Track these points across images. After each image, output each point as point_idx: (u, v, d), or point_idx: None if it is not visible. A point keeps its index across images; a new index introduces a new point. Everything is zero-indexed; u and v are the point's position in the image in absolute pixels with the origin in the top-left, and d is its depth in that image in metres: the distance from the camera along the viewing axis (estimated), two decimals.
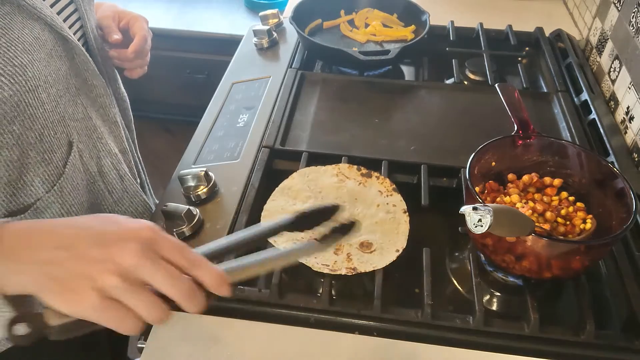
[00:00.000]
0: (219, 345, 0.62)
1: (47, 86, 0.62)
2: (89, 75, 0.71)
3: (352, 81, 1.03)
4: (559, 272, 0.63)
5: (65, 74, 0.66)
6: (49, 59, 0.62)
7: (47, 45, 0.62)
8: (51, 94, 0.63)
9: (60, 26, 0.63)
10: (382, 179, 0.78)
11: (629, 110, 0.92)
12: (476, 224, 0.55)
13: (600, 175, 0.69)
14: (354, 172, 0.79)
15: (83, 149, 0.71)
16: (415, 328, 0.63)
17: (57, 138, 0.66)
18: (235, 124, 0.91)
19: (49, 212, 0.66)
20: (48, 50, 0.62)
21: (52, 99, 0.64)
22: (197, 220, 0.72)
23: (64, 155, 0.67)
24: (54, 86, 0.64)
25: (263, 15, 1.19)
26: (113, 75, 0.83)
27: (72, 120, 0.68)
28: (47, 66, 0.62)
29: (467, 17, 1.21)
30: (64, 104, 0.67)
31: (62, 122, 0.66)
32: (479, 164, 0.70)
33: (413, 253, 0.69)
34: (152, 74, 2.28)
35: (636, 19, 0.94)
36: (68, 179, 0.68)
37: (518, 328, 0.62)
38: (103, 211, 0.76)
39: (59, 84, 0.65)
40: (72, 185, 0.68)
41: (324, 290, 0.64)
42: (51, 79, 0.63)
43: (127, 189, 0.79)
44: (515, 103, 0.80)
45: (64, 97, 0.67)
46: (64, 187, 0.67)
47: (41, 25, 0.61)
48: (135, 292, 0.42)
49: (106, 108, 0.76)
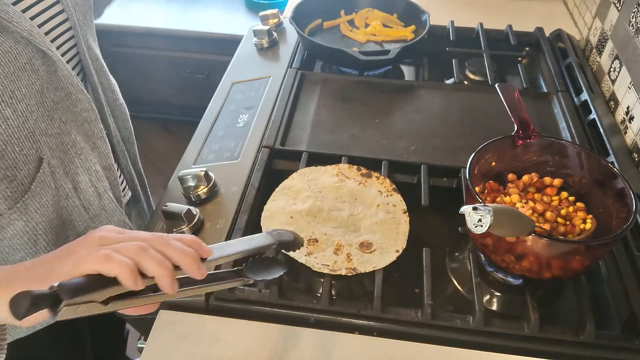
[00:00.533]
0: (219, 345, 0.62)
1: (13, 102, 0.60)
2: (73, 89, 0.68)
3: (352, 81, 1.03)
4: (559, 272, 0.63)
5: (41, 88, 0.64)
6: (19, 72, 0.60)
7: (20, 59, 0.60)
8: (18, 110, 0.61)
9: (39, 40, 0.61)
10: (382, 179, 0.78)
11: (629, 110, 0.92)
12: (476, 224, 0.55)
13: (600, 175, 0.69)
14: (354, 172, 0.79)
15: (56, 165, 0.68)
16: (415, 328, 0.63)
17: (23, 154, 0.63)
18: (235, 124, 0.91)
19: (11, 229, 0.64)
20: (21, 64, 0.60)
21: (19, 115, 0.61)
22: (197, 220, 0.72)
23: (32, 171, 0.65)
24: (22, 101, 0.61)
25: (263, 15, 1.19)
26: (109, 87, 0.80)
27: (44, 135, 0.66)
28: (16, 81, 0.60)
29: (467, 17, 1.21)
30: (35, 119, 0.64)
31: (31, 137, 0.64)
32: (479, 164, 0.70)
33: (413, 253, 0.69)
34: (152, 74, 2.29)
35: (636, 19, 0.94)
36: (35, 196, 0.65)
37: (518, 328, 0.62)
38: (77, 228, 0.74)
39: (31, 99, 0.63)
40: (39, 203, 0.66)
41: (324, 290, 0.64)
42: (20, 94, 0.61)
43: (105, 207, 0.76)
44: (515, 103, 0.80)
45: (37, 112, 0.64)
46: (29, 204, 0.65)
47: (16, 39, 0.59)
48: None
49: (91, 123, 0.72)
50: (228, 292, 0.65)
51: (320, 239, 0.69)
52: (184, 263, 0.46)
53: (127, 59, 2.00)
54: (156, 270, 0.44)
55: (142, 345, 0.66)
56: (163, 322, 0.64)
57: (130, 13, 1.97)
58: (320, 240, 0.69)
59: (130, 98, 0.90)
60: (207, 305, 0.65)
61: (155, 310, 0.51)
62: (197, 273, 0.47)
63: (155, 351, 0.61)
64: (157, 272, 0.44)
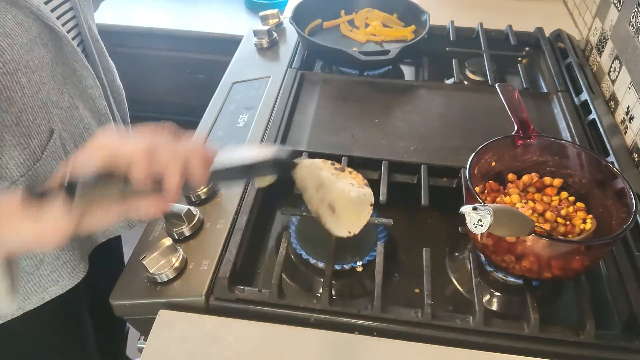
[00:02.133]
0: (219, 345, 0.62)
1: (27, 71, 0.62)
2: (78, 66, 0.71)
3: (352, 81, 1.03)
4: (559, 272, 0.63)
5: (51, 61, 0.66)
6: (32, 45, 0.62)
7: (30, 32, 0.62)
8: (32, 80, 0.63)
9: (46, 16, 0.63)
10: (355, 174, 0.78)
11: (629, 110, 0.92)
12: (476, 224, 0.55)
13: (600, 175, 0.69)
14: (328, 166, 0.79)
15: (67, 137, 0.70)
16: (415, 328, 0.63)
17: (36, 124, 0.65)
18: (235, 124, 0.91)
19: None
20: (32, 37, 0.62)
21: (33, 85, 0.63)
22: (197, 220, 0.72)
23: (43, 141, 0.67)
24: (36, 72, 0.63)
25: (263, 15, 1.19)
26: (108, 68, 0.82)
27: (55, 107, 0.68)
28: (30, 52, 0.62)
29: (467, 17, 1.21)
30: (48, 91, 0.66)
31: (44, 108, 0.66)
32: (479, 164, 0.70)
33: (413, 253, 0.69)
34: (152, 74, 2.28)
35: (636, 19, 0.94)
36: (45, 165, 0.67)
37: (518, 328, 0.62)
38: None
39: (43, 71, 0.65)
40: (49, 172, 0.68)
41: (324, 290, 0.64)
42: (33, 64, 0.63)
43: None
44: (515, 103, 0.80)
45: (48, 84, 0.66)
46: (40, 172, 0.67)
47: (26, 13, 0.61)
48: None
49: (95, 100, 0.75)
50: (228, 292, 0.65)
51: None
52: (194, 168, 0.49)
53: (127, 59, 2.00)
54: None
55: (142, 345, 0.66)
56: (163, 322, 0.64)
57: (130, 13, 1.97)
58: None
59: (130, 98, 0.90)
60: (207, 305, 0.65)
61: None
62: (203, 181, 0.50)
63: (155, 351, 0.61)
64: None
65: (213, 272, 0.66)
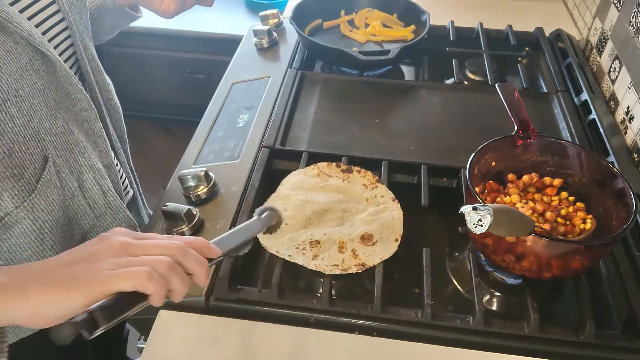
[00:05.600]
0: (219, 345, 0.62)
1: (17, 100, 0.61)
2: (72, 89, 0.69)
3: (352, 81, 1.03)
4: (559, 272, 0.63)
5: (43, 87, 0.65)
6: (22, 72, 0.61)
7: (20, 59, 0.61)
8: (23, 108, 0.62)
9: (38, 41, 0.62)
10: (364, 172, 0.78)
11: (629, 110, 0.92)
12: (476, 224, 0.55)
13: (600, 175, 0.69)
14: (334, 170, 0.79)
15: (61, 164, 0.69)
16: (415, 328, 0.63)
17: (29, 153, 0.64)
18: (235, 124, 0.91)
19: (18, 227, 0.64)
20: (22, 64, 0.61)
21: (24, 113, 0.62)
22: (197, 220, 0.72)
23: (38, 170, 0.65)
24: (27, 100, 0.62)
25: (263, 15, 1.19)
26: (105, 86, 0.81)
27: (49, 134, 0.67)
28: (19, 80, 0.61)
29: (467, 17, 1.21)
30: (40, 118, 0.65)
31: (37, 136, 0.65)
32: (479, 164, 0.70)
33: (413, 253, 0.69)
34: (153, 74, 2.29)
35: (636, 19, 0.94)
36: (41, 195, 0.66)
37: (518, 328, 0.62)
38: (82, 227, 0.74)
39: (34, 98, 0.64)
40: (45, 202, 0.66)
41: (324, 290, 0.64)
42: (24, 92, 0.62)
43: (110, 205, 0.76)
44: (515, 103, 0.80)
45: (40, 111, 0.65)
46: (36, 203, 0.65)
47: (16, 39, 0.60)
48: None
49: (91, 122, 0.73)
50: (228, 292, 0.65)
51: (321, 239, 0.69)
52: (197, 272, 0.50)
53: (127, 59, 2.00)
54: (182, 289, 0.48)
55: (142, 345, 0.66)
56: (163, 322, 0.64)
57: None
58: (321, 241, 0.69)
59: (131, 98, 0.91)
60: (207, 305, 0.65)
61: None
62: (205, 280, 0.50)
63: (155, 351, 0.61)
64: (182, 290, 0.48)
65: (213, 272, 0.66)
